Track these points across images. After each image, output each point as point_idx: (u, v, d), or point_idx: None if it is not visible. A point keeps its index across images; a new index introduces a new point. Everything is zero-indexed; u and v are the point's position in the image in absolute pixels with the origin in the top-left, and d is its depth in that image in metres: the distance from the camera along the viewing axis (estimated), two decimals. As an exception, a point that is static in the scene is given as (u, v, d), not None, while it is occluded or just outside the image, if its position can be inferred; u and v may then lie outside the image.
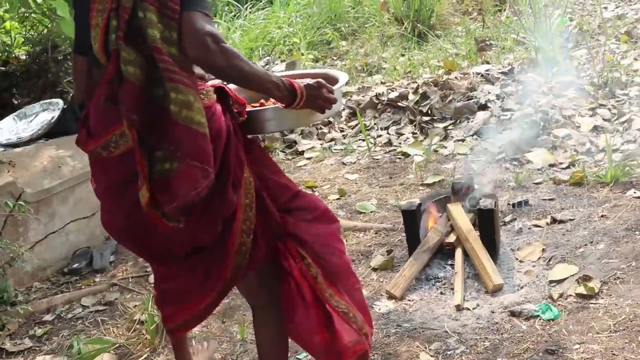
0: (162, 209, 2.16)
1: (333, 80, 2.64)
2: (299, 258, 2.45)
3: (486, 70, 6.28)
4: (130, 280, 4.07)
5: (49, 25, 6.03)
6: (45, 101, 5.14)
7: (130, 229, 2.34)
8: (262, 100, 2.68)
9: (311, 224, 2.49)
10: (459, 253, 3.66)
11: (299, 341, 2.61)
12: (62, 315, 3.81)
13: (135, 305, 3.74)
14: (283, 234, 2.45)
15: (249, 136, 2.48)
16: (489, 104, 5.65)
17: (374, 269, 3.80)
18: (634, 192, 4.14)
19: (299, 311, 2.49)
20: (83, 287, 4.07)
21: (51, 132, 4.81)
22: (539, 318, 3.15)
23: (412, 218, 3.75)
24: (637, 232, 3.69)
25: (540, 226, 3.99)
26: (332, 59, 8.15)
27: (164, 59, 2.13)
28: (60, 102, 5.02)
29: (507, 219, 4.14)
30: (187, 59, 2.16)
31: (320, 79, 2.40)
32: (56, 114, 4.89)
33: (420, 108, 5.89)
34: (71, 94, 5.42)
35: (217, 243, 2.34)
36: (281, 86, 2.27)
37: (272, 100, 2.55)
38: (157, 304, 2.78)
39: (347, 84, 2.77)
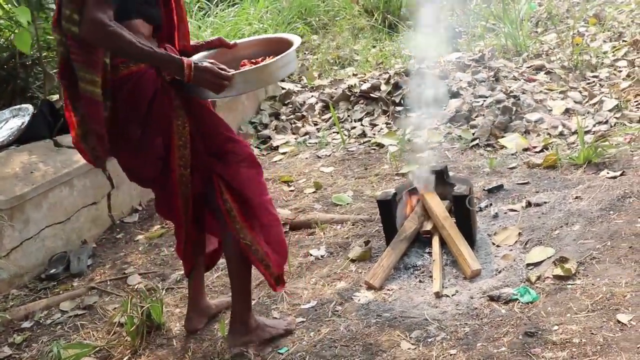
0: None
1: (286, 45, 2.99)
2: (219, 193, 2.97)
3: (457, 58, 6.30)
4: (109, 283, 4.04)
5: (16, 31, 5.96)
6: (15, 107, 5.10)
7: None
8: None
9: (237, 165, 2.99)
10: (436, 241, 3.67)
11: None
12: (41, 321, 3.78)
13: (115, 308, 3.71)
14: (211, 172, 2.98)
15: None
16: (461, 92, 5.67)
17: (352, 261, 3.80)
18: (607, 173, 4.18)
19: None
20: (61, 292, 4.03)
21: (22, 138, 4.77)
22: (517, 301, 3.17)
23: (388, 208, 3.75)
24: (611, 212, 3.72)
25: (515, 210, 4.02)
26: (304, 53, 8.13)
27: (69, 42, 2.76)
28: (30, 107, 4.98)
29: (483, 204, 4.16)
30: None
31: (209, 65, 2.73)
32: (26, 119, 4.85)
33: (392, 98, 5.90)
34: (41, 99, 5.37)
35: (165, 175, 2.97)
36: (169, 62, 2.72)
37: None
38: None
39: (298, 50, 3.10)
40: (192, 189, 3.01)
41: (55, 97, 5.78)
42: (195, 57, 3.04)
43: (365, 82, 6.22)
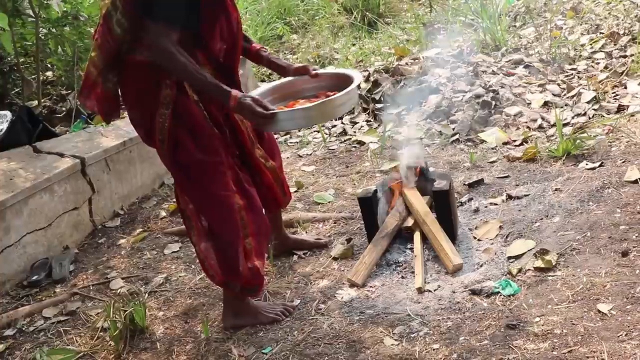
0: None
1: (346, 82, 3.19)
2: (177, 192, 3.35)
3: (436, 54, 6.31)
4: (91, 288, 4.02)
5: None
6: (-7, 114, 5.07)
7: None
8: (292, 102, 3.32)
9: (203, 190, 3.16)
10: (417, 236, 3.68)
11: None
12: (23, 328, 3.75)
13: (98, 313, 3.69)
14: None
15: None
16: (440, 87, 5.68)
17: (335, 259, 3.80)
18: (586, 164, 4.20)
19: None
20: (44, 298, 4.00)
21: (0, 145, 4.74)
22: (499, 294, 3.18)
23: (369, 205, 3.76)
24: (590, 203, 3.74)
25: (496, 204, 4.04)
26: (284, 53, 8.14)
27: (101, 24, 3.04)
28: (9, 114, 4.95)
29: (464, 199, 4.17)
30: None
31: (248, 103, 2.93)
32: (5, 126, 4.82)
33: (372, 96, 5.90)
34: (19, 105, 5.34)
35: None
36: (219, 92, 2.98)
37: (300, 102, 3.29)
38: None
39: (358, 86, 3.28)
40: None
41: (34, 103, 5.76)
42: (270, 86, 3.44)
43: (345, 81, 6.21)
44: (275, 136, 5.90)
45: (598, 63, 5.85)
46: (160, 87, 3.05)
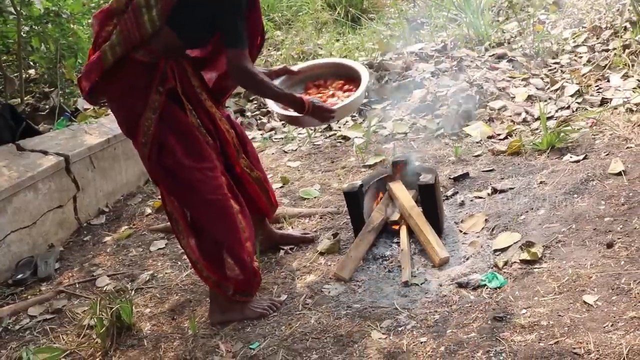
0: None
1: (344, 67, 3.77)
2: (163, 196, 3.33)
3: (420, 49, 6.32)
4: (77, 286, 4.00)
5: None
6: (-24, 112, 5.02)
7: None
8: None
9: (199, 195, 3.18)
10: (403, 230, 3.69)
11: None
12: (9, 327, 3.72)
13: (84, 311, 3.67)
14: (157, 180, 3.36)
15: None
16: (424, 82, 5.69)
17: (321, 253, 3.80)
18: (570, 157, 4.23)
19: None
20: (29, 297, 3.98)
21: (-18, 143, 4.70)
22: (485, 287, 3.19)
23: (354, 199, 3.76)
24: (575, 196, 3.76)
25: (481, 197, 4.05)
26: (268, 49, 8.12)
27: (127, 15, 3.06)
28: (-9, 112, 4.92)
29: (449, 192, 4.18)
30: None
31: (323, 104, 3.33)
32: (-13, 124, 4.79)
33: (357, 91, 5.89)
34: (2, 104, 5.30)
35: None
36: (294, 102, 3.27)
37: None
38: None
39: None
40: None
41: (17, 100, 5.72)
42: (280, 80, 3.68)
43: (329, 76, 6.20)
44: (260, 132, 5.93)
45: (581, 57, 5.88)
46: (150, 90, 3.12)
